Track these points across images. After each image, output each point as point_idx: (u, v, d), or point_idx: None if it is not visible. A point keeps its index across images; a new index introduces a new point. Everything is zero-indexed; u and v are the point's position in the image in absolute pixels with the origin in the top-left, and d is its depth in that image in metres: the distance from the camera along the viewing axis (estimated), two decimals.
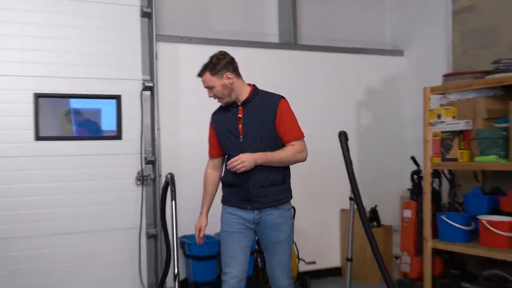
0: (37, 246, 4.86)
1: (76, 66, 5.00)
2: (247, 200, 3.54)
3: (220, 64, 3.53)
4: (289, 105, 3.62)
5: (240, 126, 3.55)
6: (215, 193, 3.82)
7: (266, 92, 3.67)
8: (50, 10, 4.89)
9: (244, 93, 3.59)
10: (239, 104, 3.59)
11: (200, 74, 3.59)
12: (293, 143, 3.53)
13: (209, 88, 3.56)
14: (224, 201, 3.70)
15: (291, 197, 3.67)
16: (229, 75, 3.53)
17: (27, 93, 4.83)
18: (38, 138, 4.86)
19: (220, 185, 3.77)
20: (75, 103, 5.04)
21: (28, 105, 4.83)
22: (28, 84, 4.83)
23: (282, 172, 3.58)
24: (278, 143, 3.54)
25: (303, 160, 3.58)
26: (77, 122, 5.07)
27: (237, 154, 3.45)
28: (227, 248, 3.59)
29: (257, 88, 3.67)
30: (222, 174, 3.75)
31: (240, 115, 3.56)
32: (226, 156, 3.69)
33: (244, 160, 3.38)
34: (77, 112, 5.07)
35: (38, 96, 4.85)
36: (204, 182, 3.81)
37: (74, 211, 5.00)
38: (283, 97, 3.62)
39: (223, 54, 3.62)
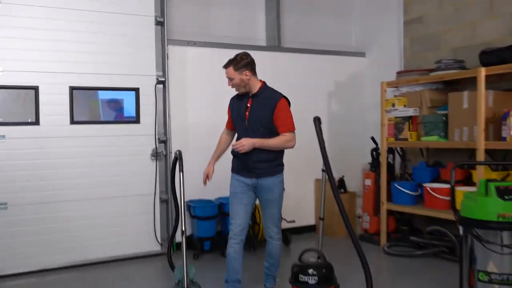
0: (75, 209, 4.94)
1: (103, 64, 5.04)
2: (247, 170, 3.70)
3: (242, 63, 3.64)
4: (287, 103, 3.74)
5: (247, 113, 3.69)
6: (224, 151, 3.98)
7: (273, 89, 3.78)
8: (83, 19, 4.92)
9: (255, 88, 3.70)
10: (250, 96, 3.71)
11: (225, 67, 3.69)
12: (285, 134, 3.67)
13: (230, 79, 3.67)
14: (233, 169, 3.85)
15: (282, 170, 3.81)
16: (247, 73, 3.64)
17: (64, 86, 4.88)
18: (73, 122, 4.92)
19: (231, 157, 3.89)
20: (102, 95, 5.09)
21: (64, 96, 4.88)
22: (65, 79, 4.87)
23: (275, 152, 3.72)
24: (274, 131, 3.67)
25: (291, 147, 3.73)
26: (104, 109, 5.12)
27: (242, 133, 3.67)
28: (233, 204, 3.75)
29: (266, 85, 3.77)
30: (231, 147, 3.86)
31: (248, 105, 3.70)
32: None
33: (244, 144, 3.57)
34: (103, 101, 5.13)
35: (72, 89, 4.91)
36: (218, 141, 3.99)
37: (102, 180, 5.07)
38: (284, 96, 3.73)
39: (245, 55, 3.72)
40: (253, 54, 5.85)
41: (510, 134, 4.36)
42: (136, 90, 5.20)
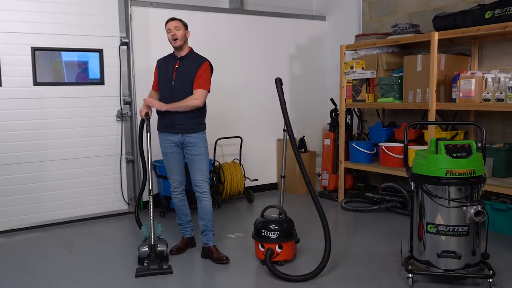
0: (41, 170, 4.84)
1: (66, 25, 4.84)
2: (171, 127, 3.83)
3: (186, 24, 3.88)
4: (209, 67, 3.87)
5: (174, 73, 3.83)
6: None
7: (198, 54, 3.92)
8: None
9: (185, 50, 3.87)
10: (177, 58, 3.85)
11: (174, 18, 3.85)
12: (195, 91, 3.78)
13: (176, 29, 3.78)
14: (159, 127, 3.95)
15: (205, 129, 3.93)
16: (188, 33, 3.88)
17: (26, 47, 4.68)
18: (36, 83, 4.75)
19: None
20: (66, 56, 4.91)
21: (27, 57, 4.69)
22: (26, 40, 4.67)
23: (195, 111, 3.81)
24: None
25: (197, 106, 3.77)
26: (68, 71, 4.95)
27: (168, 93, 3.83)
28: (167, 163, 3.98)
29: (193, 50, 3.92)
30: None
31: (176, 66, 3.84)
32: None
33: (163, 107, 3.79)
34: (67, 63, 4.95)
35: (35, 50, 4.72)
36: (150, 96, 4.03)
37: (67, 141, 4.96)
38: (207, 60, 3.88)
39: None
40: (216, 16, 5.85)
41: (460, 96, 4.49)
42: (100, 52, 5.04)
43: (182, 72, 3.80)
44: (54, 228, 4.85)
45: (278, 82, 3.75)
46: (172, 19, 3.84)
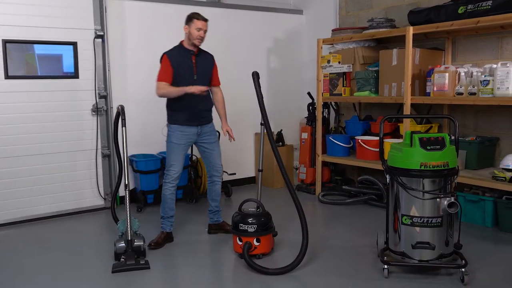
0: (15, 165, 4.75)
1: (38, 17, 4.74)
2: (195, 120, 4.04)
3: None
4: None
5: (195, 69, 4.01)
6: None
7: (204, 50, 4.15)
8: None
9: (197, 48, 4.07)
10: (192, 54, 4.03)
11: (206, 18, 4.02)
12: (218, 88, 4.29)
13: (205, 30, 4.00)
14: (176, 121, 4.04)
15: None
16: None
17: None
18: (8, 77, 4.64)
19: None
20: (39, 49, 4.81)
21: None
22: None
23: (212, 104, 4.24)
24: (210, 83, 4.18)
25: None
26: (41, 64, 4.86)
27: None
28: (174, 154, 4.03)
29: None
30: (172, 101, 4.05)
31: (194, 61, 4.01)
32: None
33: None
34: (40, 56, 4.86)
35: (6, 42, 4.60)
36: (168, 87, 3.96)
37: (41, 136, 4.88)
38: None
39: None
40: (193, 9, 5.75)
41: (434, 90, 4.57)
42: (74, 44, 4.96)
43: (202, 68, 4.07)
44: (28, 224, 4.78)
45: (255, 75, 3.75)
46: (204, 18, 3.99)
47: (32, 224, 4.78)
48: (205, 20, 3.99)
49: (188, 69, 3.99)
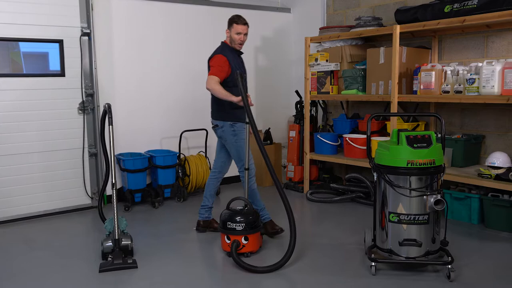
0: (1, 164, 4.69)
1: (24, 14, 4.68)
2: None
3: None
4: None
5: (243, 69, 4.17)
6: None
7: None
8: None
9: None
10: (239, 54, 4.16)
11: (246, 22, 4.08)
12: None
13: (245, 35, 4.07)
14: (240, 119, 4.03)
15: None
16: None
17: None
18: None
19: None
20: (24, 47, 4.75)
21: None
22: None
23: None
24: None
25: None
26: (26, 62, 4.81)
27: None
28: (243, 149, 4.06)
29: None
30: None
31: (242, 61, 4.18)
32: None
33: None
34: (26, 54, 4.80)
35: None
36: (221, 89, 3.89)
37: (27, 135, 4.82)
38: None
39: None
40: (181, 7, 5.78)
41: (420, 88, 4.60)
42: (60, 42, 4.90)
43: (243, 67, 4.21)
44: (14, 224, 4.72)
45: (238, 75, 3.70)
46: (244, 22, 4.03)
47: (19, 224, 4.73)
48: (245, 23, 4.03)
49: (241, 69, 4.07)
